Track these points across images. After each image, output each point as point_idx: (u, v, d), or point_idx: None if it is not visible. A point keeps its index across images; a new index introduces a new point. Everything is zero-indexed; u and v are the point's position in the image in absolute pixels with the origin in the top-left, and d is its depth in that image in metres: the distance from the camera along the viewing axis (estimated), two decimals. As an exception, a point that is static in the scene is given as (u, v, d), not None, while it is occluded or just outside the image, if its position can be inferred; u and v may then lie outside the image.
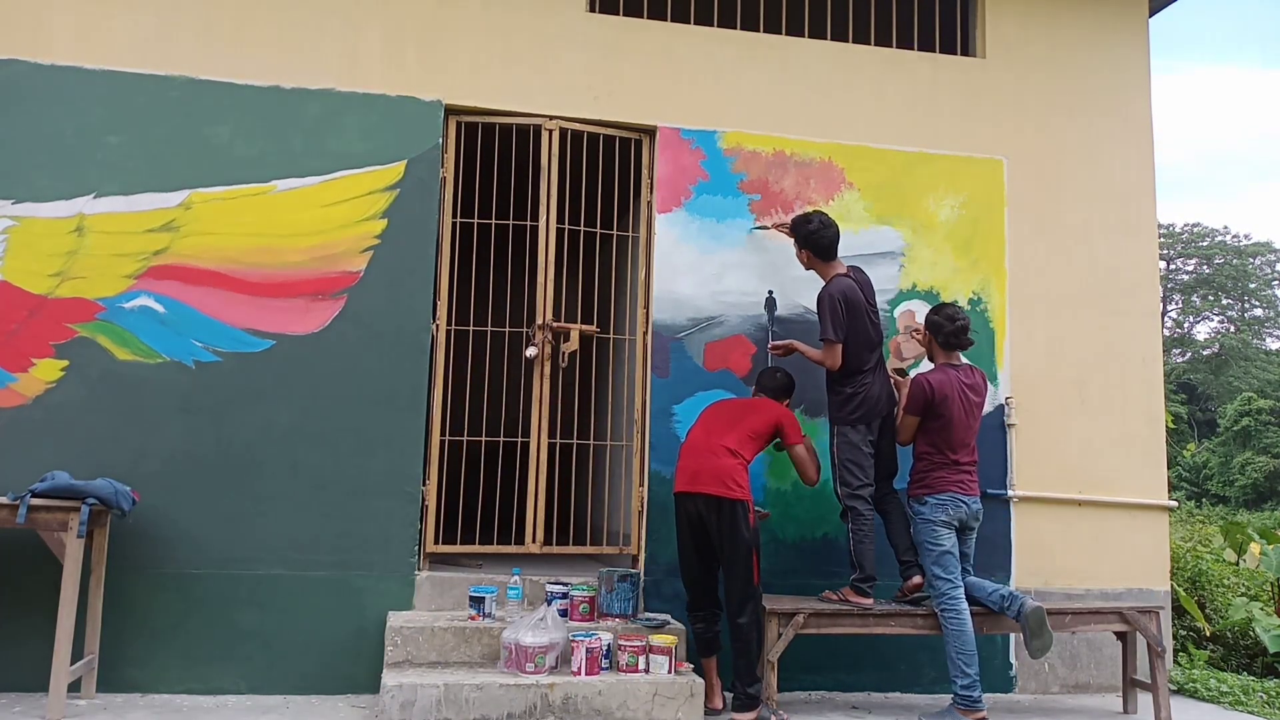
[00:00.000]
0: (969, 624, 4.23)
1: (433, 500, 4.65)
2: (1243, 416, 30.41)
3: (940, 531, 4.32)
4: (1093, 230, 5.49)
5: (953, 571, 4.29)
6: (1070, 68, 5.62)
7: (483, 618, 4.27)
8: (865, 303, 4.52)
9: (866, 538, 4.41)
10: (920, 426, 4.42)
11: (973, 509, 4.40)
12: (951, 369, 4.43)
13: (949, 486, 4.34)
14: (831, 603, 4.40)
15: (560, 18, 5.02)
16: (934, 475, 4.37)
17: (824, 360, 4.49)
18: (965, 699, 4.17)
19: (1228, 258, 41.76)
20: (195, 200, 4.53)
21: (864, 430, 4.47)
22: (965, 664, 4.18)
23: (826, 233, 4.55)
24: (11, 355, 4.30)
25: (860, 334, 4.47)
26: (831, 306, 4.41)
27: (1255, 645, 6.04)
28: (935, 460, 4.38)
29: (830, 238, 4.56)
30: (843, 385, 4.49)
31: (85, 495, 3.84)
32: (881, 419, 4.52)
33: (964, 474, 4.39)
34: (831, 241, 4.56)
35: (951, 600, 4.26)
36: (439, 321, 4.72)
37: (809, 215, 4.64)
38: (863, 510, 4.42)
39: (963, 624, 4.22)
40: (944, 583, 4.28)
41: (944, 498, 4.33)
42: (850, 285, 4.50)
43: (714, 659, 4.30)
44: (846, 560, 4.49)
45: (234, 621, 4.33)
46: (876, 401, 4.48)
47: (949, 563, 4.30)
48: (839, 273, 4.56)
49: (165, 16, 4.62)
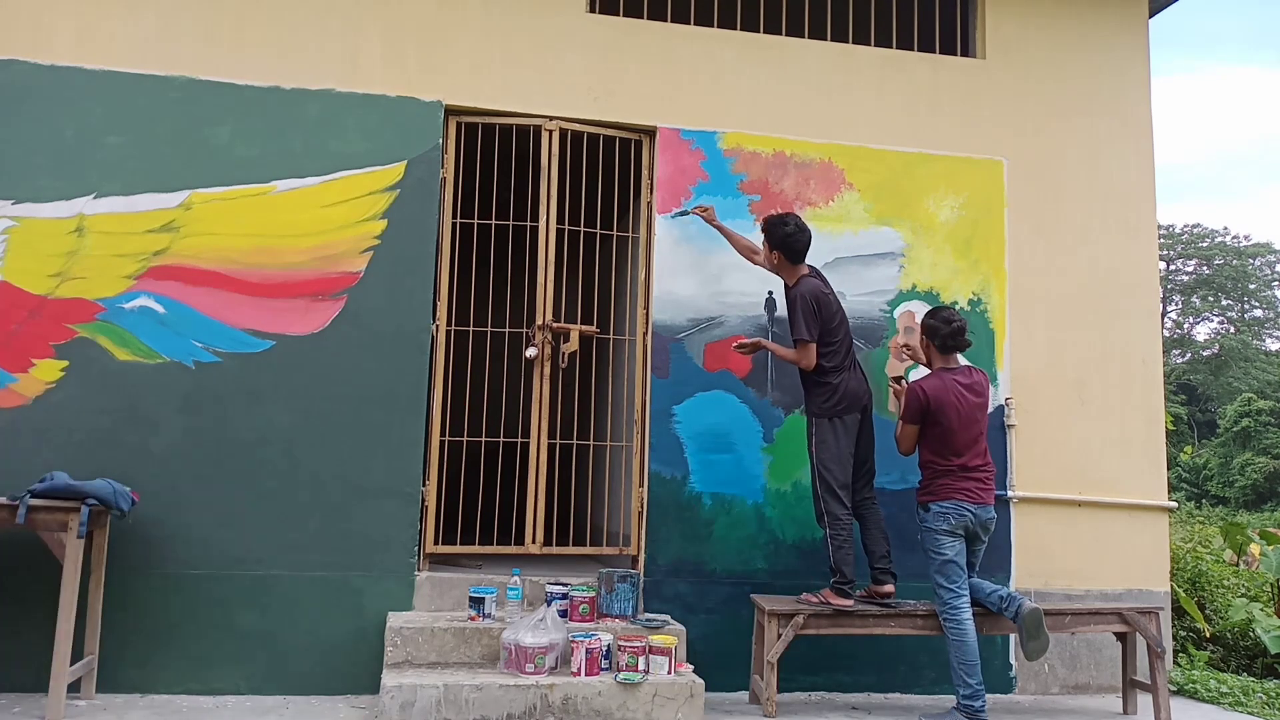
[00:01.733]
0: (972, 634, 4.19)
1: (433, 501, 4.65)
2: (1242, 417, 30.45)
3: (943, 540, 4.28)
4: (1093, 231, 5.49)
5: (955, 580, 4.25)
6: (1070, 69, 5.63)
7: (482, 618, 4.27)
8: (836, 301, 4.52)
9: (846, 543, 4.36)
10: (921, 434, 4.38)
11: (981, 518, 4.31)
12: (948, 373, 4.38)
13: (953, 494, 4.28)
14: (811, 605, 4.38)
15: (560, 18, 5.02)
16: (938, 482, 4.32)
17: (799, 359, 4.46)
18: (968, 708, 4.15)
19: (1228, 258, 41.79)
20: (195, 201, 4.53)
21: (843, 426, 4.42)
22: (967, 674, 4.15)
23: (802, 237, 4.51)
24: (11, 355, 4.30)
25: (834, 331, 4.45)
26: (804, 306, 4.39)
27: (1255, 646, 6.04)
28: (939, 467, 4.33)
29: (805, 242, 4.52)
30: (822, 379, 4.44)
31: (85, 496, 3.83)
32: (860, 418, 4.49)
33: (971, 480, 4.31)
34: (806, 245, 4.52)
35: (954, 610, 4.22)
36: (439, 322, 4.72)
37: (784, 217, 4.56)
38: (840, 514, 4.37)
39: (964, 634, 4.18)
40: (947, 592, 4.25)
41: (947, 505, 4.28)
42: (819, 285, 4.49)
43: None
44: (827, 563, 4.46)
45: (234, 622, 4.32)
46: (856, 395, 4.46)
47: (952, 572, 4.26)
48: (804, 274, 4.55)
49: (165, 17, 4.63)
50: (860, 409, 4.48)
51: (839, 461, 4.40)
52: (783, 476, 4.90)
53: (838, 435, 4.41)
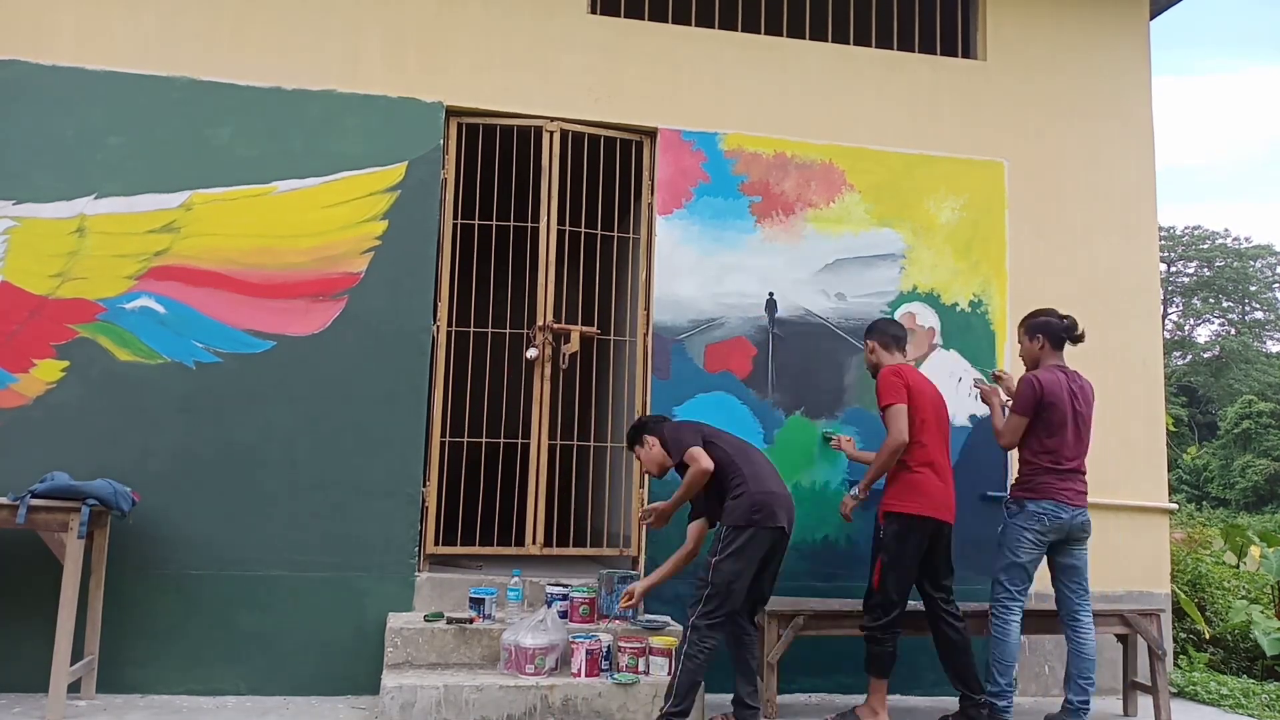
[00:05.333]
0: (1015, 639, 4.13)
1: (433, 501, 4.65)
2: (1243, 419, 30.42)
3: (1025, 542, 4.12)
4: (1093, 232, 5.49)
5: (1018, 585, 4.15)
6: (1071, 70, 5.63)
7: (483, 619, 4.27)
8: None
9: (701, 667, 3.68)
10: (1028, 429, 4.19)
11: (1077, 521, 4.15)
12: (1060, 371, 4.24)
13: (1052, 494, 4.10)
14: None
15: (561, 19, 5.03)
16: (1038, 480, 4.15)
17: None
18: (992, 705, 4.11)
19: (1228, 260, 41.76)
20: (196, 201, 4.53)
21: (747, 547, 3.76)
22: (999, 673, 4.11)
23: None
24: (12, 356, 4.30)
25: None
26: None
27: (1255, 648, 6.04)
28: (1043, 463, 4.15)
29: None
30: (733, 489, 3.86)
31: (85, 496, 3.84)
32: (771, 542, 3.84)
33: (1071, 482, 4.15)
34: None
35: (1007, 612, 4.15)
36: (439, 323, 4.72)
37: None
38: (709, 636, 3.70)
39: (1008, 636, 4.12)
40: (1005, 594, 4.16)
41: (1045, 506, 4.10)
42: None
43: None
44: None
45: (234, 622, 4.33)
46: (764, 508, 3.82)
47: (1018, 576, 4.15)
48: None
49: (166, 17, 4.63)
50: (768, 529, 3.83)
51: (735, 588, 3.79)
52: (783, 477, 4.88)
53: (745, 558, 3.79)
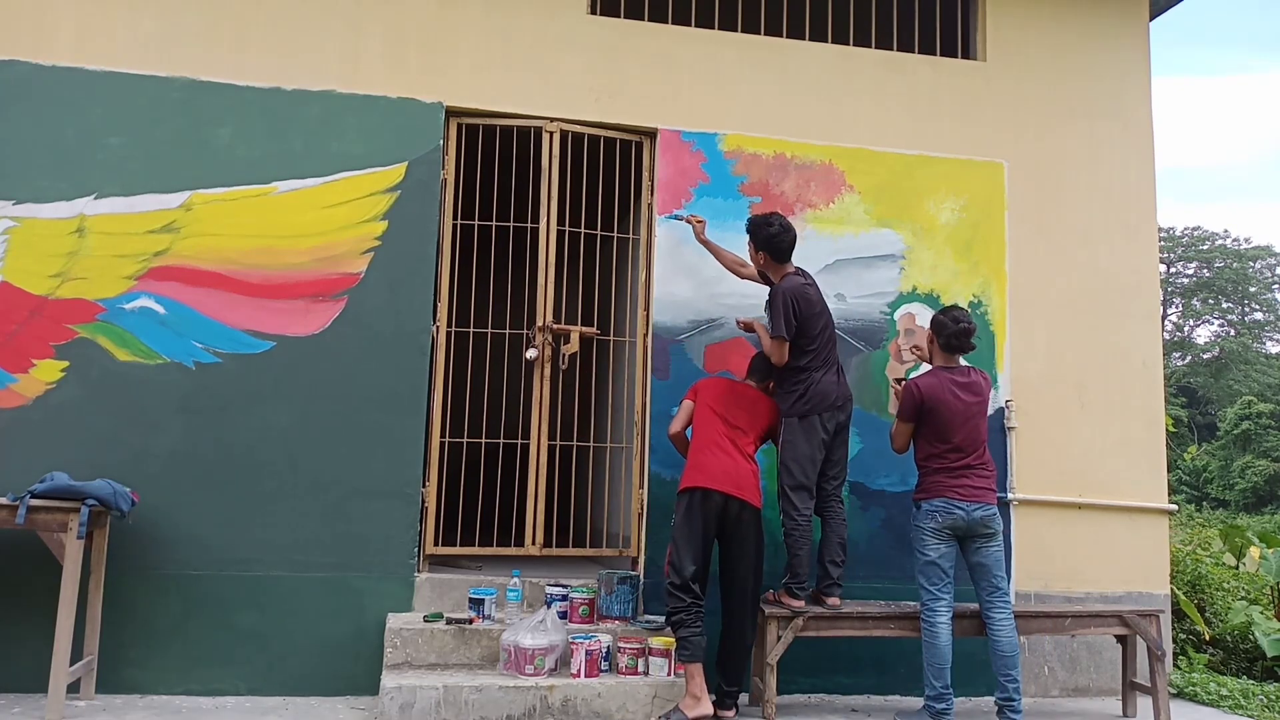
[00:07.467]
0: (945, 638, 4.16)
1: (432, 502, 4.65)
2: (1243, 420, 30.39)
3: (928, 540, 4.24)
4: (1093, 233, 5.49)
5: (936, 583, 4.21)
6: (1071, 71, 5.63)
7: (482, 620, 4.27)
8: (821, 302, 4.46)
9: (801, 538, 4.26)
10: (916, 432, 4.36)
11: (976, 515, 4.21)
12: (945, 371, 4.36)
13: (944, 492, 4.24)
14: (768, 603, 4.33)
15: (561, 20, 5.03)
16: (930, 480, 4.30)
17: (770, 353, 4.42)
18: (931, 709, 4.14)
19: (1228, 261, 41.74)
20: (196, 201, 4.53)
21: (809, 426, 4.30)
22: (934, 676, 4.14)
23: (786, 236, 4.45)
24: (12, 356, 4.30)
25: (814, 332, 4.37)
26: (785, 304, 4.32)
27: (1255, 649, 6.04)
28: (933, 465, 4.31)
29: (790, 241, 4.46)
30: (793, 378, 4.36)
31: (85, 496, 3.84)
32: (837, 419, 4.38)
33: (964, 479, 4.26)
34: (790, 245, 4.47)
35: (931, 612, 4.20)
36: (439, 323, 4.72)
37: (768, 218, 4.50)
38: (793, 510, 4.27)
39: (937, 637, 4.16)
40: (926, 594, 4.23)
41: (937, 504, 4.23)
42: (801, 283, 4.42)
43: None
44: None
45: (233, 623, 4.32)
46: (824, 396, 4.32)
47: (933, 574, 4.21)
48: (788, 272, 4.48)
49: (166, 18, 4.63)
50: (830, 410, 4.35)
51: (799, 461, 4.30)
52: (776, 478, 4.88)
53: (804, 435, 4.33)
